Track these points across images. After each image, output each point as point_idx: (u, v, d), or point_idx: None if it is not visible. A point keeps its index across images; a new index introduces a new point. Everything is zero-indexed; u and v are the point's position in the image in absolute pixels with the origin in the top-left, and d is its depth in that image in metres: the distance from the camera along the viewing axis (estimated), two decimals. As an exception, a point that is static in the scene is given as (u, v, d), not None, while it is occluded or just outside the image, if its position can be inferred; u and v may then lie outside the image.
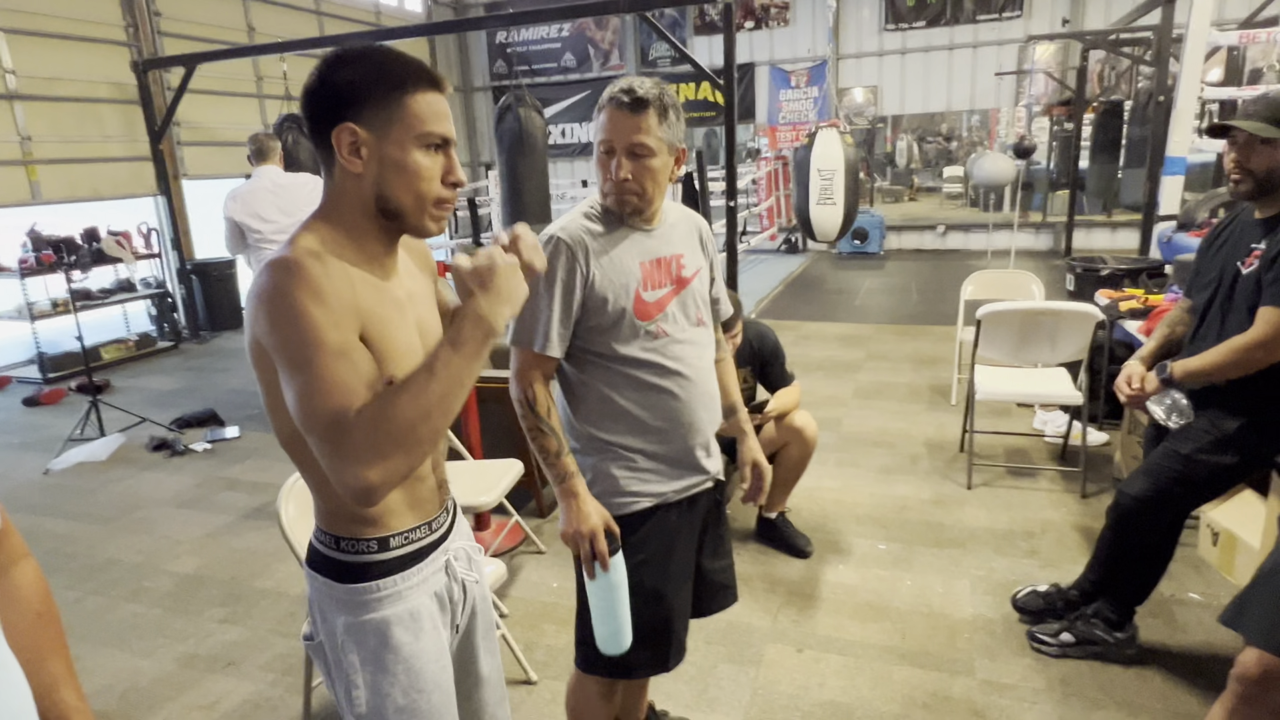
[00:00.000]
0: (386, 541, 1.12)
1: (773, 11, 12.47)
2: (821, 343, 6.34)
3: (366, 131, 1.01)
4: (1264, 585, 1.55)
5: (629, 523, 1.60)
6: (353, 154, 1.02)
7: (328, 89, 1.02)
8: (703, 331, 1.66)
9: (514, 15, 6.79)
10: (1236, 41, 4.73)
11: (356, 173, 1.03)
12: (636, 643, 1.58)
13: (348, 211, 1.06)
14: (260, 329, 0.96)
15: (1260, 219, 2.10)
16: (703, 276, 1.67)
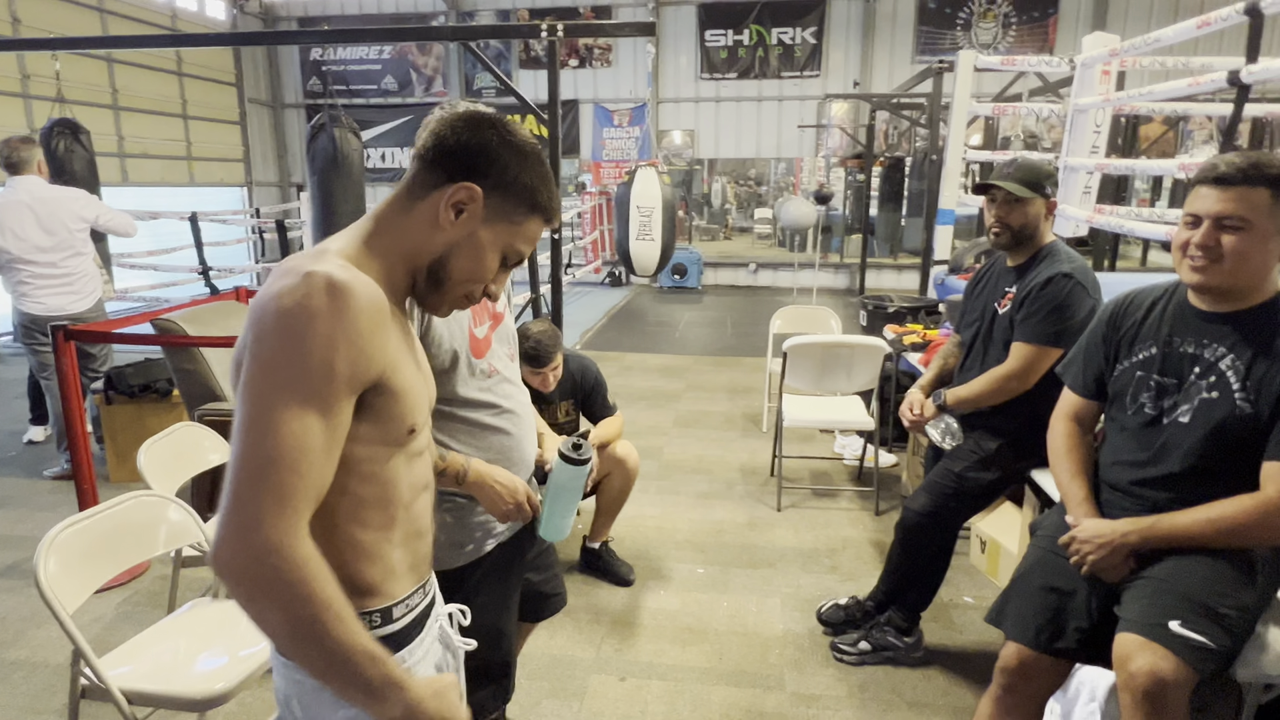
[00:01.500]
0: (390, 612, 0.98)
1: (596, 52, 12.85)
2: (644, 373, 6.51)
3: (483, 205, 0.97)
4: (1018, 586, 1.76)
5: (470, 570, 1.55)
6: (453, 210, 0.96)
7: (489, 146, 0.97)
8: (516, 367, 1.67)
9: (328, 33, 6.52)
10: (990, 112, 5.46)
11: (441, 226, 0.96)
12: (482, 682, 1.56)
13: (399, 248, 0.97)
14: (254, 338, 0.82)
15: (1012, 266, 2.43)
16: (510, 310, 1.69)
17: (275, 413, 0.80)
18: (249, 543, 0.78)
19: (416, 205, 0.96)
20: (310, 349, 0.80)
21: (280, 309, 0.81)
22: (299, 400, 0.80)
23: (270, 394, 0.80)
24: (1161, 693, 1.36)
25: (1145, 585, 1.53)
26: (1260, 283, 1.52)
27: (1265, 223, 1.47)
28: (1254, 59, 3.08)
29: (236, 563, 0.79)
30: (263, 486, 0.79)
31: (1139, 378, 1.66)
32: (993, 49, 11.52)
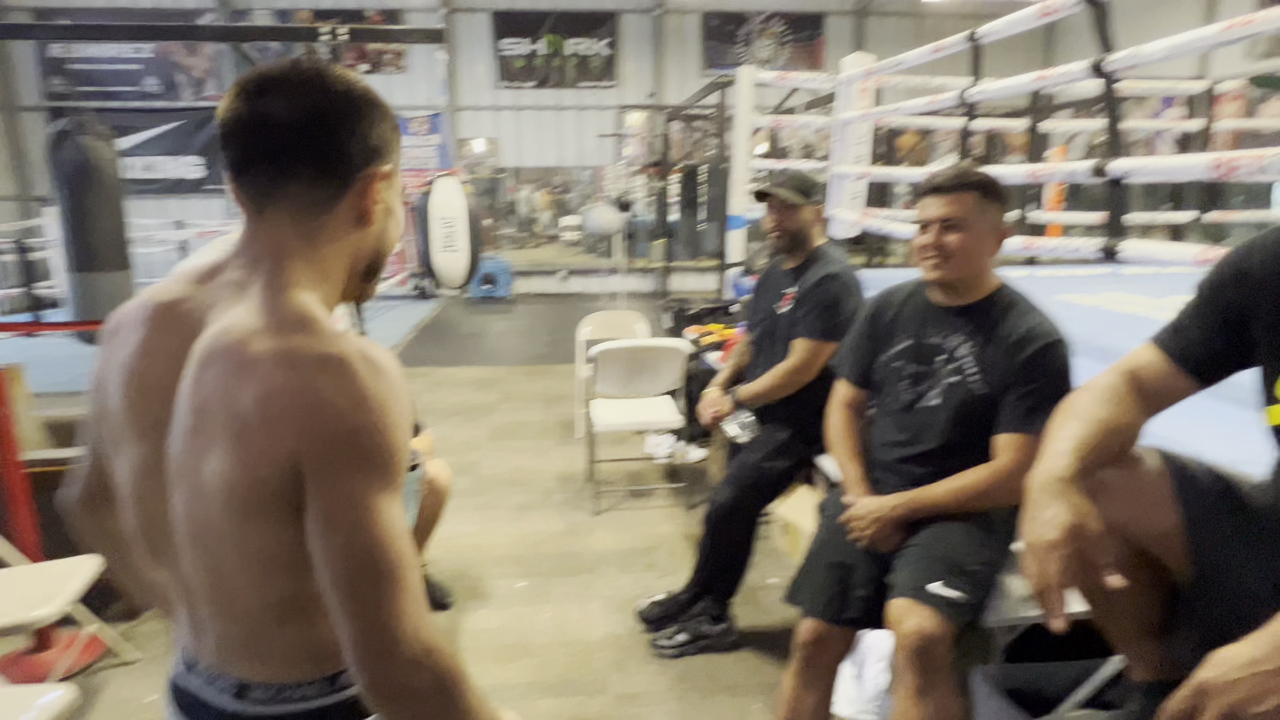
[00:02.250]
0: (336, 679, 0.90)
1: (387, 57, 12.35)
2: (456, 387, 6.36)
3: (388, 179, 0.86)
4: (809, 565, 1.91)
5: None
6: (374, 202, 0.85)
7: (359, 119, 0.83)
8: None
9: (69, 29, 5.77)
10: (770, 124, 5.88)
11: (369, 226, 0.86)
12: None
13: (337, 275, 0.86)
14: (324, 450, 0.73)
15: (789, 268, 2.63)
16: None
17: (387, 517, 0.75)
18: (419, 647, 0.74)
19: (328, 221, 0.84)
20: (394, 439, 0.76)
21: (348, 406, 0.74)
22: (389, 492, 0.76)
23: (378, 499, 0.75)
24: (928, 648, 1.53)
25: (911, 553, 1.72)
26: (983, 275, 1.77)
27: (977, 220, 1.72)
28: (976, 80, 3.55)
29: (414, 671, 0.73)
30: (405, 588, 0.74)
31: (896, 367, 1.86)
32: (771, 65, 12.41)
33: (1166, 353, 1.17)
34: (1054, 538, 1.01)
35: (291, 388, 0.74)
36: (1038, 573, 1.02)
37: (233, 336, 0.77)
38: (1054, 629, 1.01)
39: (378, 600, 0.73)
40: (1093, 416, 1.12)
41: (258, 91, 0.80)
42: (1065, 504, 1.03)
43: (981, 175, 1.74)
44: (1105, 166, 2.68)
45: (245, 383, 0.74)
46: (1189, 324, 1.16)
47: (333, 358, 0.75)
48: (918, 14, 12.65)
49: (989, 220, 1.74)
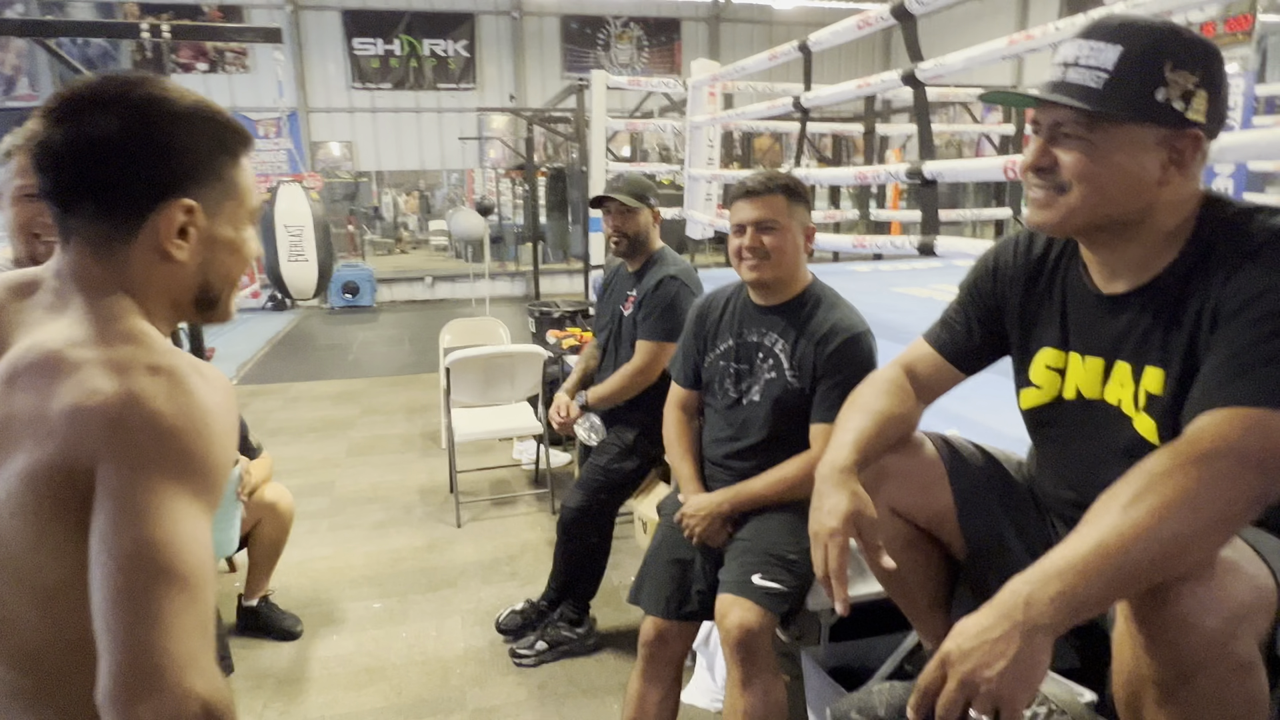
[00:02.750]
0: None
1: (230, 56, 11.64)
2: (313, 403, 6.07)
3: (202, 209, 0.80)
4: (650, 564, 1.95)
5: None
6: (181, 237, 0.79)
7: (146, 148, 0.75)
8: None
9: None
10: (624, 128, 5.95)
11: (180, 260, 0.80)
12: None
13: (158, 309, 0.81)
14: (128, 451, 0.67)
15: (631, 271, 2.67)
16: None
17: (186, 528, 0.68)
18: (198, 683, 0.65)
19: (127, 248, 0.78)
20: (212, 455, 0.71)
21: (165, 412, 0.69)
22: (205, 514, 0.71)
23: (179, 507, 0.68)
24: (750, 639, 1.59)
25: (737, 546, 1.78)
26: (795, 273, 1.85)
27: (787, 220, 1.81)
28: (809, 87, 3.73)
29: (181, 709, 0.63)
30: (192, 611, 0.66)
31: (721, 366, 1.93)
32: (630, 69, 12.58)
33: (935, 347, 1.27)
34: (834, 526, 1.08)
35: (112, 390, 0.68)
36: (820, 560, 1.08)
37: (48, 348, 0.72)
38: (838, 612, 1.07)
39: (158, 614, 0.64)
40: (872, 408, 1.20)
41: (48, 115, 0.75)
42: (845, 493, 1.10)
43: (787, 178, 1.83)
44: (919, 168, 2.88)
45: (60, 390, 0.69)
46: (953, 319, 1.26)
47: (164, 367, 0.72)
48: (768, 21, 13.17)
49: (797, 220, 1.83)
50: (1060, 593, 0.82)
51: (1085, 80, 0.97)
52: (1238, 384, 0.88)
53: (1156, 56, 0.94)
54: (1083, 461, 1.13)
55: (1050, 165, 1.01)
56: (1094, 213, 1.00)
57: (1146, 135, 0.96)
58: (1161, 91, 0.94)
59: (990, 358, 1.25)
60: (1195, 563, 0.83)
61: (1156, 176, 0.97)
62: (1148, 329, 1.02)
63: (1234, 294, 0.92)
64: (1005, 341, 1.22)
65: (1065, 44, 1.01)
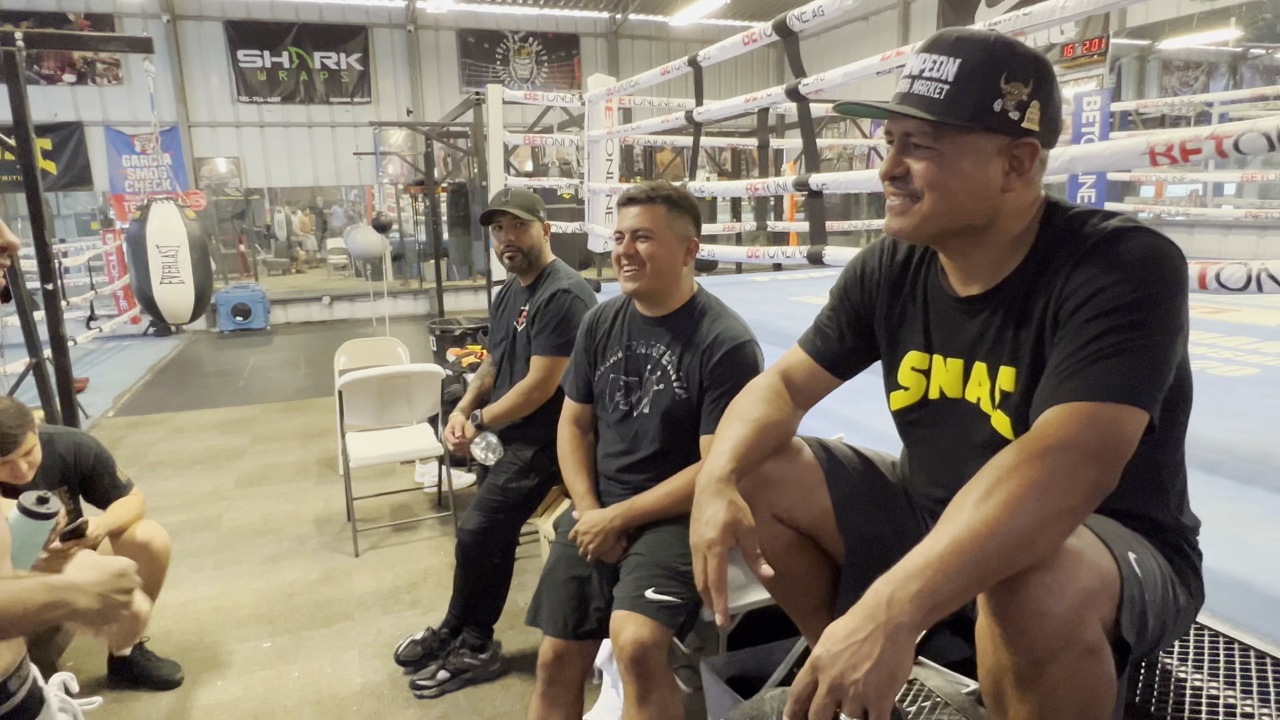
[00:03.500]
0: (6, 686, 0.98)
1: (100, 67, 10.95)
2: (199, 433, 5.72)
3: None
4: (547, 583, 1.91)
5: None
6: None
7: None
8: None
9: None
10: (522, 142, 5.91)
11: None
12: None
13: None
14: None
15: (524, 285, 2.63)
16: None
17: None
18: None
19: None
20: None
21: None
22: None
23: None
24: (644, 655, 1.57)
25: (631, 561, 1.77)
26: (675, 283, 1.86)
27: (665, 230, 1.81)
28: (700, 101, 3.80)
29: None
30: None
31: (612, 379, 1.91)
32: (530, 83, 12.54)
33: (809, 353, 1.29)
34: (712, 537, 1.07)
35: None
36: (700, 571, 1.08)
37: None
38: (718, 623, 1.06)
39: None
40: (750, 416, 1.21)
41: None
42: (722, 503, 1.10)
43: (671, 189, 1.84)
44: (806, 180, 2.96)
45: None
46: (826, 326, 1.29)
47: None
48: (665, 37, 13.39)
49: (678, 230, 1.83)
50: (920, 590, 0.83)
51: (929, 91, 1.01)
52: (1075, 380, 0.93)
53: (992, 68, 0.99)
54: (948, 458, 1.16)
55: (903, 174, 1.05)
56: (945, 219, 1.03)
57: (988, 144, 1.01)
58: (999, 102, 0.99)
59: (863, 362, 1.28)
60: (1043, 552, 0.86)
61: (1000, 184, 1.02)
62: (999, 329, 1.07)
63: (1071, 294, 0.97)
64: (876, 345, 1.25)
65: (910, 58, 1.05)
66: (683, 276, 1.87)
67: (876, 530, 1.24)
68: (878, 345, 1.25)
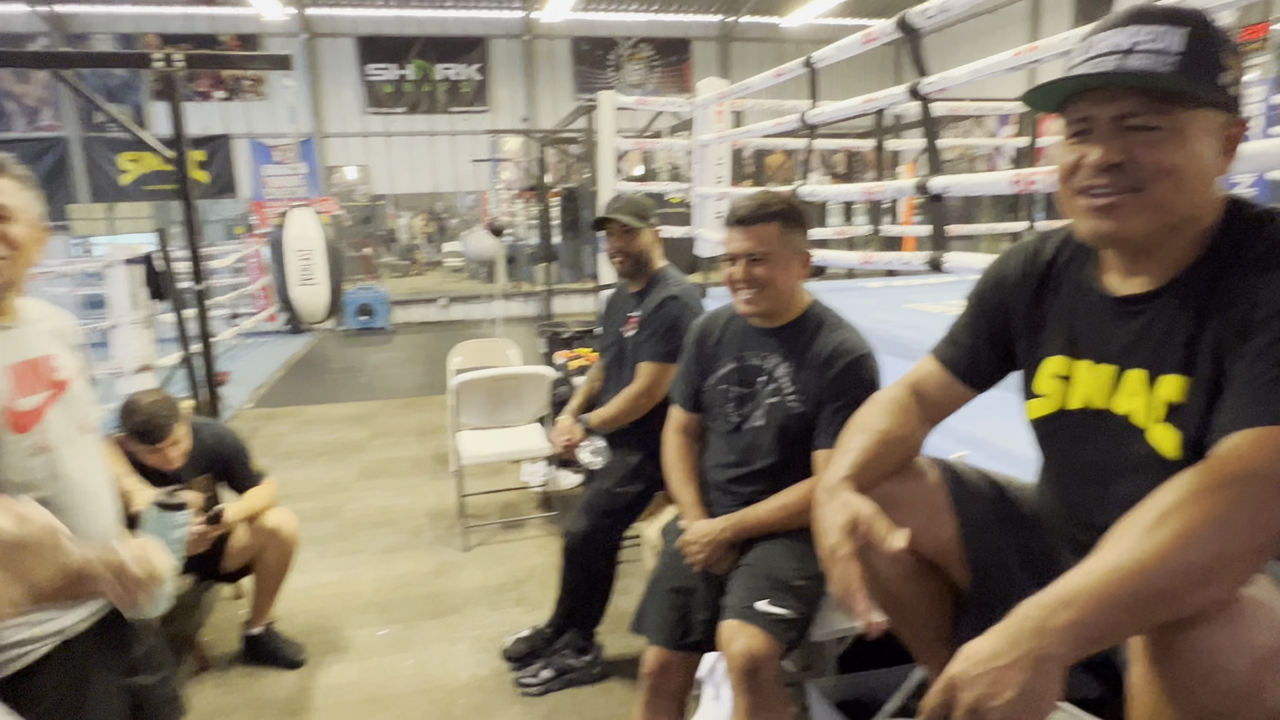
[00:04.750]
0: None
1: (246, 84, 11.83)
2: (325, 426, 6.07)
3: None
4: (652, 592, 1.90)
5: (25, 676, 1.32)
6: None
7: None
8: (90, 440, 1.49)
9: None
10: (633, 147, 5.95)
11: None
12: None
13: None
14: None
15: (633, 292, 2.64)
16: (83, 378, 1.51)
17: None
18: None
19: None
20: None
21: None
22: None
23: None
24: (755, 668, 1.53)
25: (742, 572, 1.73)
26: (791, 299, 1.81)
27: (780, 249, 1.76)
28: (815, 103, 3.71)
29: None
30: None
31: (723, 390, 1.88)
32: (641, 88, 12.66)
33: (942, 363, 1.21)
34: (836, 540, 1.03)
35: None
36: (835, 578, 1.03)
37: None
38: (869, 632, 1.01)
39: None
40: (874, 428, 1.15)
41: None
42: (837, 504, 1.05)
43: (783, 203, 1.78)
44: (926, 183, 2.83)
45: None
46: (960, 334, 1.21)
47: None
48: (777, 39, 13.21)
49: (792, 247, 1.77)
50: (1073, 621, 0.76)
51: (1153, 65, 0.89)
52: (1266, 402, 0.82)
53: (1219, 40, 0.89)
54: (1090, 479, 1.07)
55: (1121, 162, 0.92)
56: (1173, 211, 0.91)
57: (1213, 122, 0.90)
58: (1222, 75, 0.89)
59: (1001, 372, 1.20)
60: (1219, 595, 0.77)
61: (1215, 168, 0.91)
62: (1165, 333, 0.95)
63: (1264, 301, 0.86)
64: (1015, 355, 1.17)
65: (1107, 33, 0.93)
66: (798, 289, 1.81)
67: (1005, 559, 1.16)
68: (1016, 354, 1.17)
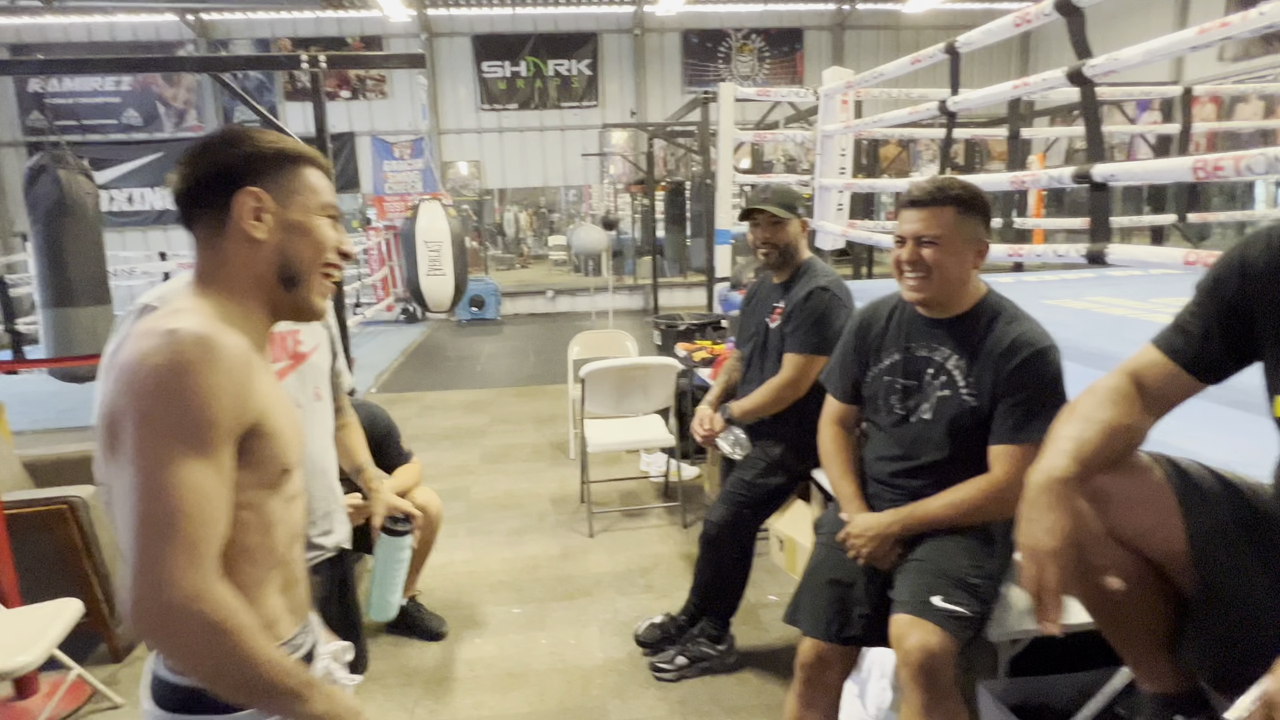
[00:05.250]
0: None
1: (370, 83, 12.38)
2: (446, 412, 6.30)
3: (271, 197, 0.98)
4: (808, 584, 1.88)
5: None
6: (254, 218, 0.98)
7: (231, 152, 0.98)
8: (320, 406, 1.62)
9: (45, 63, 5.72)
10: (753, 139, 5.90)
11: (257, 239, 0.98)
12: None
13: (241, 284, 0.99)
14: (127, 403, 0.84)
15: (778, 282, 2.61)
16: (322, 351, 1.65)
17: (170, 467, 0.83)
18: (169, 599, 0.81)
19: (222, 240, 0.99)
20: (191, 402, 0.84)
21: (155, 367, 0.84)
22: (190, 452, 0.84)
23: (161, 450, 0.83)
24: (931, 664, 1.49)
25: (911, 567, 1.69)
26: (962, 288, 1.74)
27: (954, 235, 1.69)
28: (956, 91, 3.57)
29: (159, 620, 0.82)
30: (171, 541, 0.82)
31: (886, 382, 1.84)
32: (751, 80, 12.51)
33: (1168, 353, 1.14)
34: (1052, 545, 0.99)
35: (131, 351, 0.86)
36: (1034, 578, 1.00)
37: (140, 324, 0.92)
38: (1049, 633, 0.98)
39: (150, 545, 0.81)
40: (1095, 418, 1.10)
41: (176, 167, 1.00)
42: (1064, 509, 1.01)
43: (961, 188, 1.71)
44: (1089, 171, 2.68)
45: (118, 352, 0.91)
46: (1190, 323, 1.14)
47: (171, 331, 0.86)
48: (895, 26, 12.80)
49: (967, 234, 1.70)
50: None
51: None
52: None
53: None
54: None
55: None
56: None
57: None
58: None
59: (1235, 366, 1.12)
60: None
61: None
62: None
63: None
64: (1252, 347, 1.09)
65: None
66: (970, 279, 1.75)
67: (1243, 567, 1.09)
68: (1253, 346, 1.09)
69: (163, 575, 0.81)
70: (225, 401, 0.87)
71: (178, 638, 0.83)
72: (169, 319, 0.88)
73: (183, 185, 0.99)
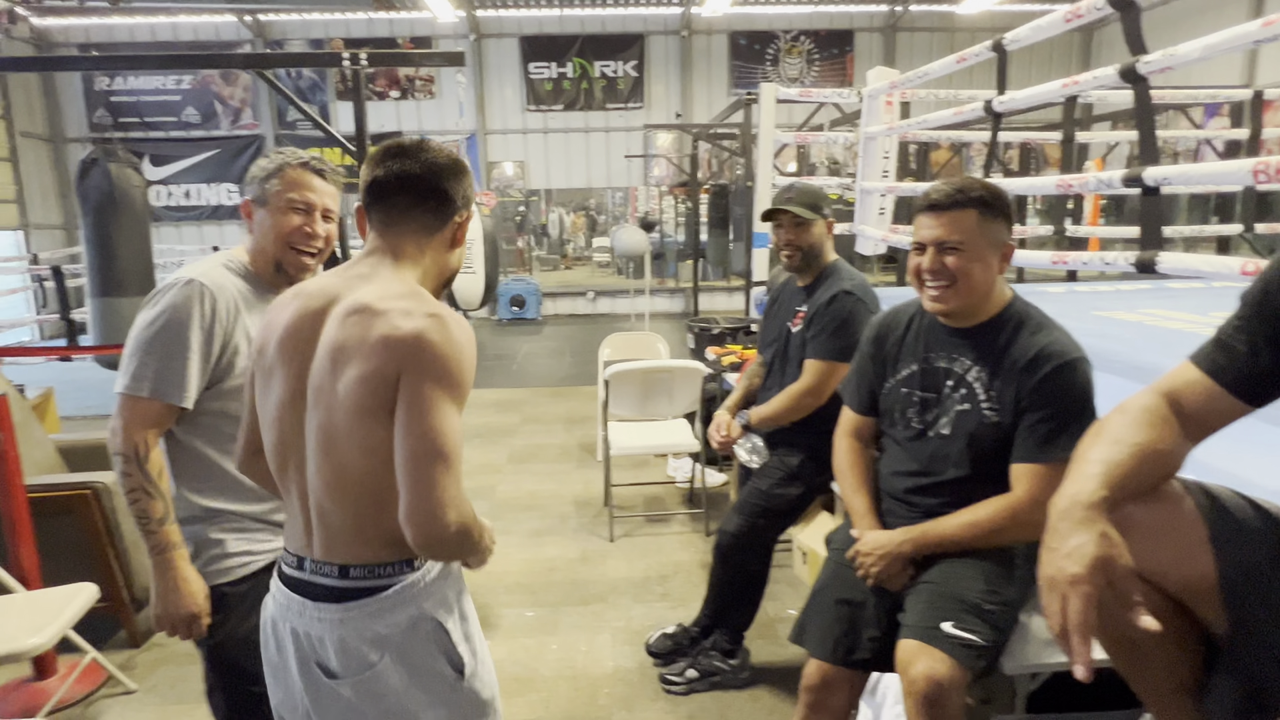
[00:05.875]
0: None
1: (418, 83, 12.55)
2: (479, 409, 6.31)
3: (469, 219, 1.29)
4: (815, 602, 1.78)
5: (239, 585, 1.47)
6: (461, 236, 1.29)
7: (461, 179, 1.24)
8: None
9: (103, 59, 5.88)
10: (794, 141, 5.78)
11: (456, 247, 1.28)
12: None
13: (436, 279, 1.26)
14: (417, 367, 1.07)
15: (801, 286, 2.52)
16: None
17: (450, 420, 1.08)
18: (455, 515, 1.06)
19: (433, 241, 1.23)
20: (462, 368, 1.10)
21: (439, 342, 1.08)
22: (457, 406, 1.10)
23: (446, 406, 1.08)
24: (938, 694, 1.39)
25: (922, 590, 1.58)
26: (987, 296, 1.63)
27: (978, 239, 1.58)
28: (1002, 90, 3.42)
29: (446, 531, 1.06)
30: (450, 471, 1.06)
31: (904, 394, 1.73)
32: (799, 82, 12.33)
33: (1209, 372, 1.03)
34: (1077, 572, 0.89)
35: (408, 328, 1.08)
36: (1058, 611, 0.90)
37: (368, 299, 1.12)
38: (1078, 676, 0.88)
39: (431, 474, 1.05)
40: (1127, 440, 0.99)
41: (397, 155, 1.20)
42: (1091, 535, 0.91)
43: (983, 188, 1.60)
44: (1140, 174, 2.52)
45: (377, 325, 1.09)
46: (1234, 338, 1.02)
47: (438, 314, 1.11)
48: (948, 28, 12.49)
49: (991, 238, 1.59)
50: None
51: None
52: None
53: None
54: None
55: None
56: None
57: None
58: None
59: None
60: None
61: None
62: None
63: None
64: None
65: None
66: (994, 285, 1.63)
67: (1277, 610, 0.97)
68: None
69: (445, 497, 1.05)
70: (473, 370, 1.14)
71: (457, 543, 1.08)
72: (422, 302, 1.11)
73: (436, 188, 1.20)
